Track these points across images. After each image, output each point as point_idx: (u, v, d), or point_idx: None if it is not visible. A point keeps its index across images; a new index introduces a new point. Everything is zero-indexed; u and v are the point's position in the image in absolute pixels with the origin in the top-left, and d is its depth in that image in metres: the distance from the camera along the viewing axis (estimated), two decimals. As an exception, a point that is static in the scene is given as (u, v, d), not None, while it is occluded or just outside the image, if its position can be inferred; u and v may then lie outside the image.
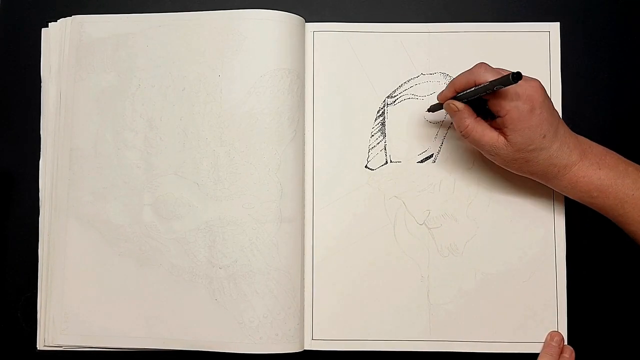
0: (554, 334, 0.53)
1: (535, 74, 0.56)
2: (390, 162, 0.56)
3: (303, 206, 0.55)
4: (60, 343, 0.54)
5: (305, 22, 0.56)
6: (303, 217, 0.55)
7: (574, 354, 0.52)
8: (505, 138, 0.48)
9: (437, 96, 0.52)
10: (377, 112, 0.56)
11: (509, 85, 0.44)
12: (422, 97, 0.56)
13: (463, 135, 0.50)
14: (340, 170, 0.56)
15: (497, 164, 0.51)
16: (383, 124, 0.56)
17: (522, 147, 0.47)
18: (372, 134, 0.56)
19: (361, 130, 0.56)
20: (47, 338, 0.54)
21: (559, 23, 0.56)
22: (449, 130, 0.56)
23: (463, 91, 0.49)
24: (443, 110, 0.52)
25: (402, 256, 0.55)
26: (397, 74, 0.56)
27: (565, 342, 0.53)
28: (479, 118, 0.49)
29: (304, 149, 0.55)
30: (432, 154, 0.56)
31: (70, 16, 0.57)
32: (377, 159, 0.56)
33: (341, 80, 0.56)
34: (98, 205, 0.55)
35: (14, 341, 0.55)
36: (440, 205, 0.55)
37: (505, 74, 0.44)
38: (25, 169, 0.57)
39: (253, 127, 0.54)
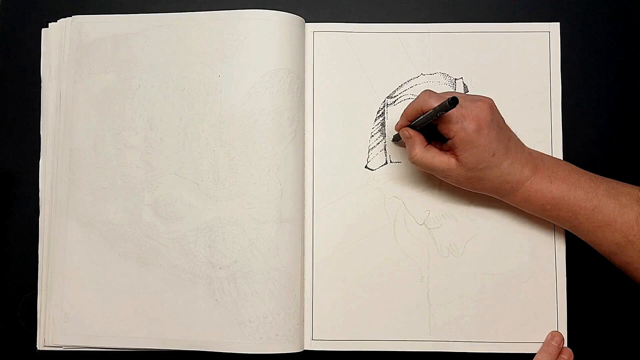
0: (554, 334, 0.53)
1: (535, 74, 0.56)
2: (390, 162, 0.56)
3: (303, 206, 0.55)
4: (60, 343, 0.54)
5: (305, 22, 0.56)
6: (303, 217, 0.55)
7: (572, 357, 0.52)
8: (457, 159, 0.48)
9: (394, 126, 0.53)
10: (377, 112, 0.56)
11: (448, 110, 0.45)
12: (422, 97, 0.56)
13: (415, 162, 0.50)
14: (340, 170, 0.56)
15: (451, 184, 0.51)
16: (383, 124, 0.56)
17: (473, 167, 0.48)
18: (372, 134, 0.56)
19: (361, 130, 0.56)
20: (47, 338, 0.54)
21: (559, 23, 0.56)
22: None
23: (415, 119, 0.50)
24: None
25: (402, 256, 0.55)
26: (397, 74, 0.56)
27: (565, 342, 0.53)
28: (429, 145, 0.50)
29: (304, 149, 0.55)
30: (432, 154, 0.56)
31: (70, 16, 0.57)
32: (377, 159, 0.56)
33: (341, 80, 0.56)
34: (98, 205, 0.55)
35: (14, 341, 0.55)
36: (440, 206, 0.55)
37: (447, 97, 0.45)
38: (25, 169, 0.57)
39: (253, 127, 0.54)
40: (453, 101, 0.44)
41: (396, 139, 0.55)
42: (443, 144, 0.50)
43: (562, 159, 0.55)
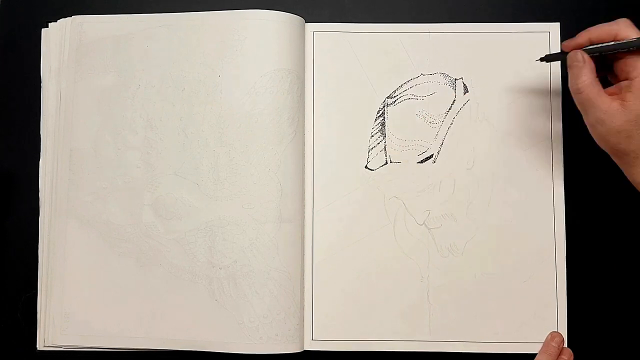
0: (554, 335, 0.53)
1: (535, 74, 0.56)
2: (390, 162, 0.56)
3: (303, 206, 0.55)
4: (60, 343, 0.54)
5: (305, 22, 0.56)
6: (303, 217, 0.55)
7: (572, 358, 0.52)
8: (622, 103, 0.45)
9: (563, 43, 0.49)
10: (377, 113, 0.56)
11: None
12: (422, 97, 0.56)
13: (577, 91, 0.46)
14: (340, 170, 0.56)
15: (594, 134, 0.47)
16: (383, 124, 0.56)
17: (635, 118, 0.44)
18: (372, 134, 0.56)
19: (361, 130, 0.56)
20: (47, 338, 0.54)
21: (559, 23, 0.56)
22: (448, 131, 0.56)
23: (597, 44, 0.47)
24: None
25: (402, 256, 0.55)
26: (397, 74, 0.56)
27: (565, 342, 0.53)
28: (597, 79, 0.46)
29: (304, 149, 0.55)
30: (432, 154, 0.56)
31: (70, 16, 0.57)
32: (377, 160, 0.56)
33: (341, 80, 0.56)
34: (98, 205, 0.55)
35: (14, 341, 0.55)
36: (440, 206, 0.55)
37: None
38: (25, 169, 0.57)
39: (253, 128, 0.54)
40: None
41: (549, 59, 0.51)
42: (607, 87, 0.46)
43: (562, 159, 0.55)
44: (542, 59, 0.51)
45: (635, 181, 0.47)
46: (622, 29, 0.45)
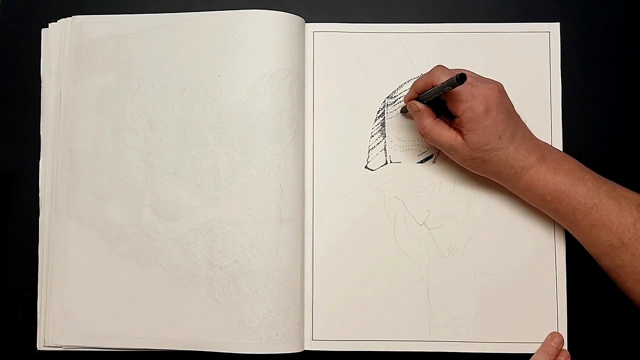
0: (554, 335, 0.53)
1: (535, 74, 0.56)
2: (390, 162, 0.56)
3: (303, 206, 0.55)
4: (60, 343, 0.54)
5: (305, 22, 0.56)
6: (303, 218, 0.55)
7: None
8: (463, 138, 0.49)
9: (404, 98, 0.54)
10: (377, 113, 0.56)
11: (455, 86, 0.46)
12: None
13: (422, 135, 0.51)
14: (340, 170, 0.56)
15: (456, 162, 0.52)
16: (383, 124, 0.56)
17: (477, 147, 0.48)
18: (372, 134, 0.56)
19: (361, 130, 0.56)
20: (47, 338, 0.54)
21: (559, 23, 0.56)
22: (449, 131, 0.56)
23: (423, 92, 0.50)
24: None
25: (402, 256, 0.55)
26: (397, 74, 0.56)
27: (565, 342, 0.53)
28: (438, 119, 0.51)
29: (304, 149, 0.55)
30: (432, 155, 0.56)
31: (70, 16, 0.57)
32: (377, 160, 0.56)
33: (341, 80, 0.56)
34: (98, 205, 0.55)
35: (14, 341, 0.55)
36: (440, 206, 0.55)
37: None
38: (25, 169, 0.57)
39: (253, 128, 0.54)
40: (461, 78, 0.44)
41: (404, 111, 0.56)
42: (451, 121, 0.50)
43: (562, 159, 0.55)
44: (400, 112, 0.56)
45: (517, 192, 0.52)
46: (435, 77, 0.49)
